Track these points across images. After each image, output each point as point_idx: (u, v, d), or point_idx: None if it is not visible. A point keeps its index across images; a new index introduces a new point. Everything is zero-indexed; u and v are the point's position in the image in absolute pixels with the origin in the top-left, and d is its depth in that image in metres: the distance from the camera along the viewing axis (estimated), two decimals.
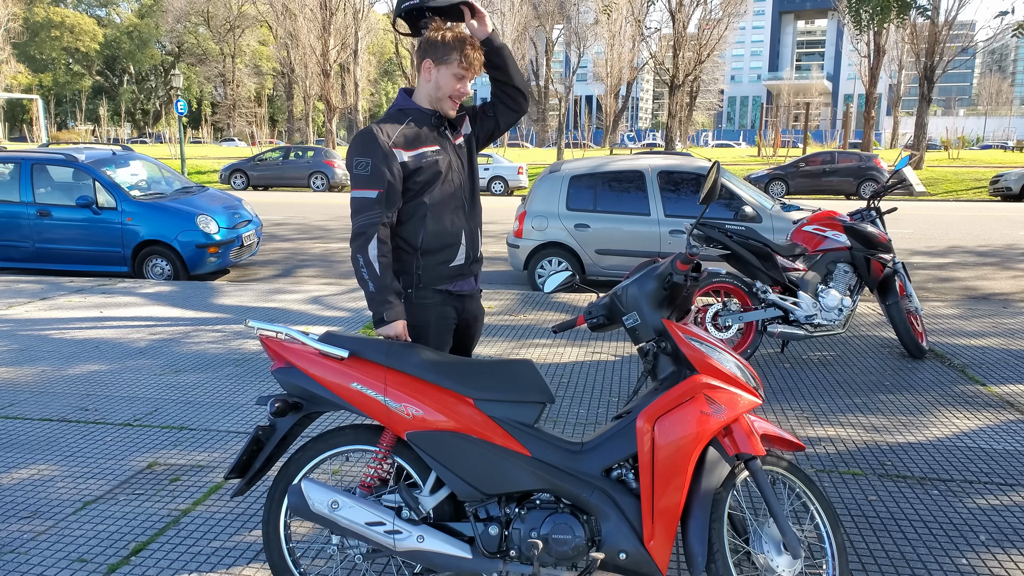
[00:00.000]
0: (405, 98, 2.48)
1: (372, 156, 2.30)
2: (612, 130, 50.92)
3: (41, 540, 2.84)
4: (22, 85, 65.72)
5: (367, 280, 2.29)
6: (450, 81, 2.39)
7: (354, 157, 2.32)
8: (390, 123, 2.39)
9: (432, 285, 2.44)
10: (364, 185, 2.30)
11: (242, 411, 4.19)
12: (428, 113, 2.45)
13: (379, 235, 2.28)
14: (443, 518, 2.24)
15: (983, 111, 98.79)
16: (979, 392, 4.52)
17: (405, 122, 2.40)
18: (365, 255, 2.27)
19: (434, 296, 2.45)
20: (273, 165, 24.61)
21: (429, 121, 2.44)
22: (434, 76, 2.40)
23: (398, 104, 2.48)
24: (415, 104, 2.46)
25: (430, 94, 2.43)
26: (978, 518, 3.02)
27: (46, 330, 5.92)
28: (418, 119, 2.43)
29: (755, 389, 2.21)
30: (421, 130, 2.41)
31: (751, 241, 4.85)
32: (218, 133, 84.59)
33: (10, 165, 8.46)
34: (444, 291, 2.47)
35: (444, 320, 2.48)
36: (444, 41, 2.38)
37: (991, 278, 9.03)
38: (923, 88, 27.48)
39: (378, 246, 2.28)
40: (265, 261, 10.28)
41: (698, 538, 2.06)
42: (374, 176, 2.29)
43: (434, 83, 2.41)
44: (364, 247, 2.27)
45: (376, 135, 2.33)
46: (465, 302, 2.56)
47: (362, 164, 2.31)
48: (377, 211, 2.29)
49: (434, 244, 2.42)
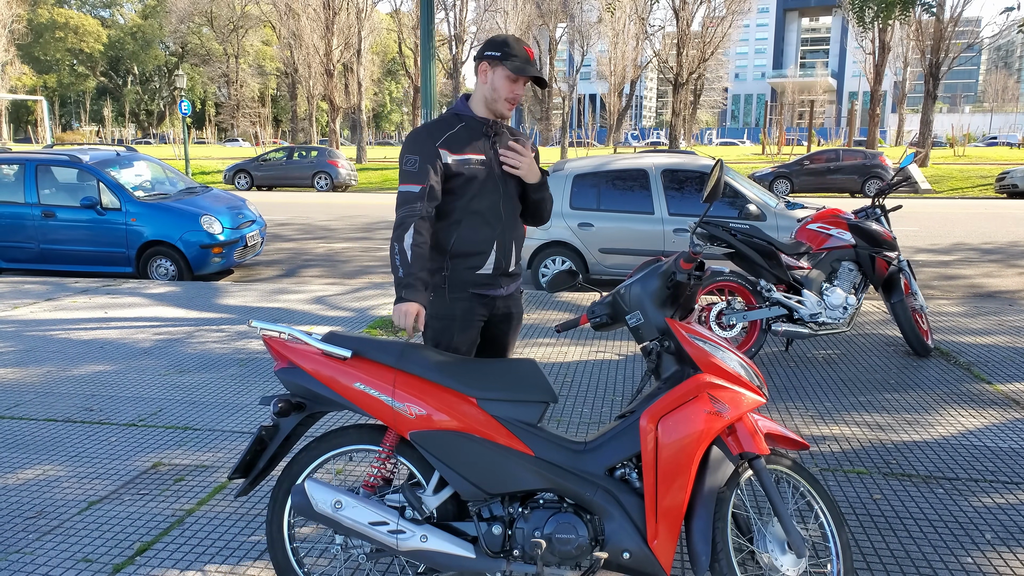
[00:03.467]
0: (462, 103, 2.55)
1: (420, 154, 2.40)
2: (616, 129, 50.86)
3: (46, 540, 2.85)
4: (27, 86, 65.95)
5: (398, 266, 2.32)
6: (505, 83, 2.45)
7: (405, 155, 2.43)
8: (442, 125, 2.47)
9: (457, 288, 2.46)
10: (409, 180, 2.39)
11: (246, 411, 4.20)
12: (481, 120, 2.51)
13: (416, 226, 2.33)
14: (447, 518, 2.24)
15: (989, 108, 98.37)
16: (984, 390, 4.51)
17: (457, 126, 2.48)
18: (401, 244, 2.32)
19: (463, 296, 2.47)
20: (277, 165, 24.64)
21: (481, 129, 2.50)
22: (490, 78, 2.46)
23: (455, 108, 2.55)
24: (470, 111, 2.52)
25: (486, 96, 2.49)
26: (984, 517, 3.01)
27: (51, 331, 5.94)
28: (471, 125, 2.50)
29: (759, 388, 2.21)
30: (471, 137, 2.48)
31: (755, 239, 4.84)
32: (222, 133, 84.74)
33: (15, 166, 8.48)
34: (470, 293, 2.48)
35: (470, 316, 2.49)
36: (502, 43, 2.44)
37: (997, 275, 9.00)
38: (928, 85, 27.38)
39: (414, 236, 2.32)
40: (269, 261, 10.29)
41: (702, 537, 2.06)
42: (420, 173, 2.38)
43: (490, 85, 2.47)
44: (401, 236, 2.33)
45: (427, 136, 2.43)
46: (496, 301, 2.56)
47: (410, 161, 2.40)
48: (418, 205, 2.36)
49: (463, 249, 2.45)
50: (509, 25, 45.12)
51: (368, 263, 10.08)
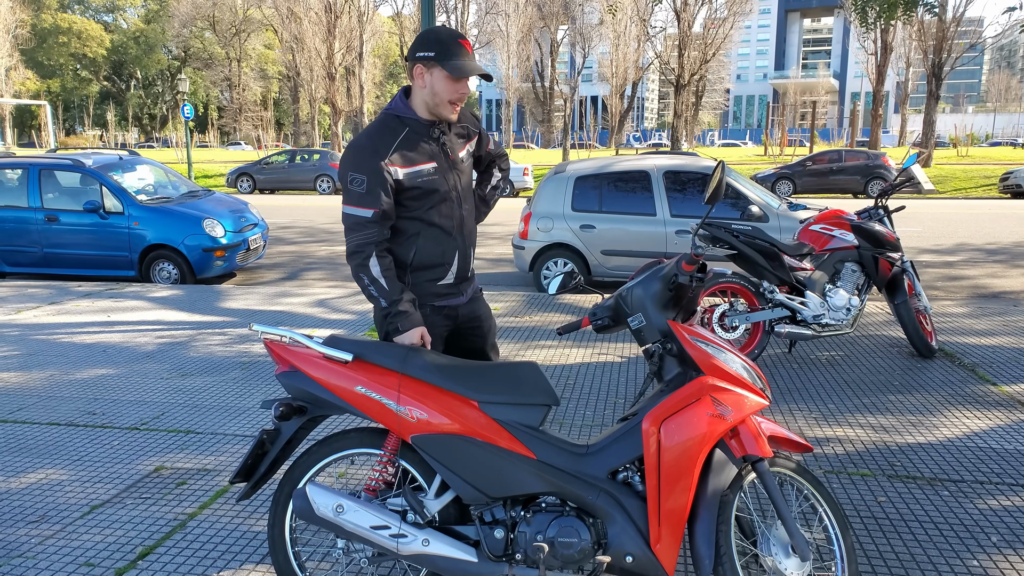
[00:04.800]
0: (403, 103, 2.32)
1: (367, 174, 2.20)
2: (618, 130, 50.85)
3: (49, 544, 2.85)
4: (30, 91, 66.17)
5: (377, 297, 2.26)
6: (445, 85, 2.25)
7: (348, 171, 2.22)
8: (386, 134, 2.26)
9: (420, 301, 2.40)
10: (358, 203, 2.22)
11: (248, 415, 4.20)
12: (426, 124, 2.31)
13: (377, 252, 2.24)
14: (448, 521, 2.23)
15: (992, 108, 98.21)
16: (990, 392, 4.49)
17: (402, 134, 2.27)
18: (369, 274, 2.23)
19: (421, 309, 2.41)
20: (279, 168, 24.69)
21: (428, 133, 2.31)
22: (428, 81, 2.25)
23: (396, 109, 2.31)
24: (413, 113, 2.30)
25: (426, 101, 2.28)
26: (989, 519, 2.99)
27: (54, 334, 5.95)
28: (416, 129, 2.30)
29: (762, 390, 2.20)
30: (418, 143, 2.28)
31: (758, 241, 4.82)
32: (224, 137, 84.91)
33: (18, 171, 8.50)
34: (432, 306, 2.43)
35: (432, 330, 2.44)
36: (434, 40, 2.23)
37: (1001, 276, 8.97)
38: (931, 85, 27.34)
39: (379, 262, 2.24)
40: (271, 264, 10.30)
41: (705, 541, 2.05)
42: (369, 195, 2.20)
43: (429, 89, 2.26)
44: (365, 265, 2.23)
45: (372, 150, 2.22)
46: (458, 310, 2.51)
47: (357, 180, 2.21)
48: (373, 230, 2.23)
49: (425, 262, 2.37)
50: (511, 28, 45.17)
51: None
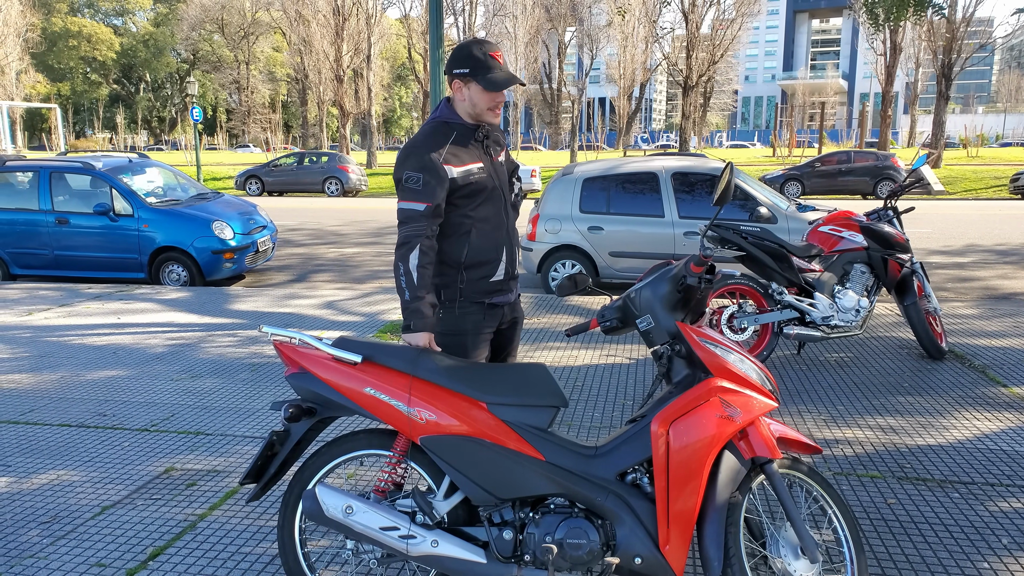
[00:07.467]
0: (449, 110, 2.48)
1: (424, 172, 2.32)
2: (626, 132, 50.79)
3: (60, 545, 2.87)
4: (41, 94, 66.63)
5: (404, 288, 2.30)
6: (483, 97, 2.40)
7: (405, 171, 2.35)
8: (439, 137, 2.40)
9: (473, 299, 2.46)
10: (413, 198, 2.32)
11: (257, 416, 4.21)
12: (471, 127, 2.46)
13: (422, 245, 2.29)
14: (457, 523, 2.23)
15: (1002, 108, 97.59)
16: (1000, 393, 4.46)
17: (452, 137, 2.42)
18: (406, 264, 2.29)
19: (474, 308, 2.47)
20: (288, 171, 24.77)
21: (474, 136, 2.46)
22: (467, 95, 2.41)
23: (443, 116, 2.47)
24: (458, 119, 2.46)
25: (468, 111, 2.45)
26: (1000, 521, 2.97)
27: (65, 336, 5.99)
28: (463, 133, 2.44)
29: (771, 392, 2.19)
30: (467, 145, 2.43)
31: (766, 242, 4.81)
32: (233, 139, 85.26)
33: (29, 173, 8.57)
34: (484, 303, 2.48)
35: (480, 329, 2.49)
36: (468, 56, 2.37)
37: (1012, 277, 8.91)
38: (941, 86, 27.20)
39: (419, 256, 2.29)
40: (280, 266, 10.34)
41: (714, 542, 2.05)
42: (424, 190, 2.31)
43: (468, 101, 2.42)
44: (406, 256, 2.29)
45: (427, 151, 2.35)
46: (504, 310, 2.57)
47: (413, 179, 2.33)
48: (423, 223, 2.31)
49: (477, 259, 2.44)
50: (518, 30, 45.20)
51: (378, 268, 10.11)
